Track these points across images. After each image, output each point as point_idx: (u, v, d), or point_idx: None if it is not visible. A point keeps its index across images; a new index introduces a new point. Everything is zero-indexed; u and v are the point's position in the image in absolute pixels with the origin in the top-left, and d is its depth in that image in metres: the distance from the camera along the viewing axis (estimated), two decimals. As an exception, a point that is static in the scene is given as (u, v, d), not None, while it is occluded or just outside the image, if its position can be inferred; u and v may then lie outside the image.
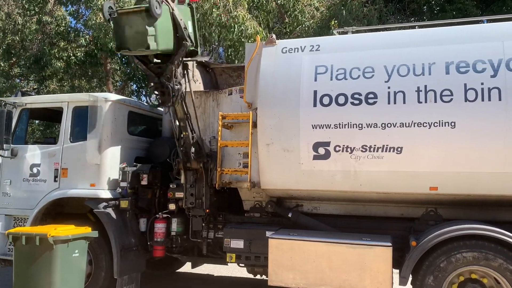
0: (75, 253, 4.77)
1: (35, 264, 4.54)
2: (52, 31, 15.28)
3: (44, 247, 4.48)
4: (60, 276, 4.56)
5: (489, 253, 4.41)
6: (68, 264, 4.65)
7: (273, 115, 5.30)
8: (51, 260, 4.52)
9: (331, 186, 5.20)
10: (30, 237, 4.51)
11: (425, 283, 4.56)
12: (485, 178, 4.68)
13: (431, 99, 4.76)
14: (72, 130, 6.21)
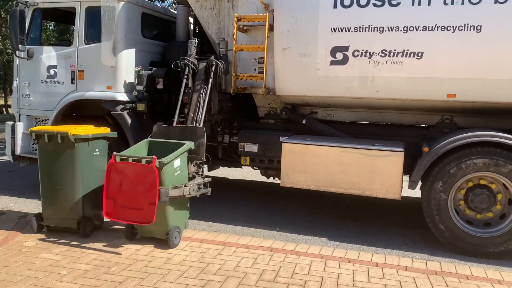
0: (96, 151, 4.86)
1: (58, 161, 4.67)
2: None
3: (66, 145, 4.58)
4: (82, 172, 4.67)
5: (500, 159, 4.48)
6: (89, 161, 4.76)
7: (290, 17, 5.16)
8: (73, 157, 4.62)
9: (347, 93, 5.19)
10: (52, 135, 4.60)
11: (433, 188, 4.71)
12: (506, 85, 4.59)
13: (458, 1, 4.54)
14: (86, 31, 6.17)
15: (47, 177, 4.75)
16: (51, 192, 4.75)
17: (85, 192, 4.71)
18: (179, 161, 4.50)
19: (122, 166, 4.31)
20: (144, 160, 4.23)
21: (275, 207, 6.36)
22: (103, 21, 5.91)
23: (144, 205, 4.16)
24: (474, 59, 4.59)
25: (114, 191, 4.31)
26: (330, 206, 6.46)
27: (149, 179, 4.14)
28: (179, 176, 4.51)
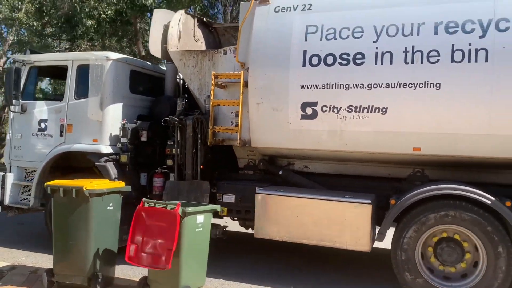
0: (110, 206, 4.90)
1: (72, 215, 4.71)
2: None
3: (81, 200, 4.64)
4: (96, 227, 4.69)
5: (463, 212, 4.58)
6: (103, 216, 4.80)
7: (263, 75, 5.49)
8: (87, 211, 4.67)
9: (318, 146, 5.42)
10: (67, 190, 4.67)
11: (401, 241, 4.80)
12: (468, 139, 4.79)
13: (418, 60, 4.84)
14: (76, 87, 6.58)
15: (60, 231, 4.80)
16: (63, 247, 4.78)
17: (98, 247, 4.74)
18: (202, 218, 4.53)
19: (148, 212, 4.44)
20: (169, 206, 4.36)
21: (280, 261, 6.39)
22: (91, 78, 6.33)
23: (163, 251, 4.25)
24: (435, 114, 4.82)
25: (138, 237, 4.41)
26: (330, 260, 6.46)
27: (170, 225, 4.23)
28: (200, 234, 4.54)
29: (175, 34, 6.53)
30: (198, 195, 5.86)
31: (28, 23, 17.13)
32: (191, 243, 4.42)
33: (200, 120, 5.92)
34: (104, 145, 6.32)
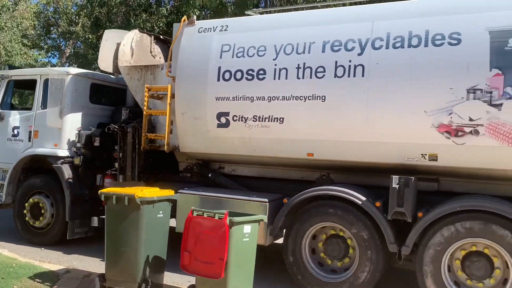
0: (160, 213, 5.03)
1: (124, 222, 4.85)
2: (134, 3, 16.24)
3: (132, 207, 4.78)
4: (146, 234, 4.80)
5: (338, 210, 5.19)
6: (153, 223, 4.93)
7: (187, 88, 6.29)
8: (138, 219, 4.78)
9: (233, 151, 6.16)
10: (119, 197, 4.84)
11: (291, 235, 5.45)
12: (351, 146, 5.40)
13: (308, 75, 5.50)
14: (42, 98, 7.60)
15: (112, 238, 4.96)
16: (115, 253, 4.92)
17: (148, 255, 4.88)
18: (249, 229, 4.53)
19: (198, 221, 4.51)
20: (217, 216, 4.42)
21: None
22: (50, 91, 7.35)
23: (215, 260, 4.30)
24: (322, 124, 5.47)
25: (191, 245, 4.49)
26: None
27: (220, 234, 4.28)
28: (247, 244, 4.54)
29: (127, 51, 7.42)
30: (134, 193, 6.69)
31: (84, 36, 18.48)
32: (238, 252, 4.41)
33: (138, 128, 6.77)
34: (61, 149, 7.29)
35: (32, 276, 5.45)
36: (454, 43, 4.86)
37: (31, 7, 25.09)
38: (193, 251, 4.46)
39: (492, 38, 4.70)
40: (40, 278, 5.42)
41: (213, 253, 4.31)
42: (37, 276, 5.47)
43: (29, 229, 7.41)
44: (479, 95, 4.71)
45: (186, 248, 4.51)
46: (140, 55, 7.66)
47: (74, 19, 22.72)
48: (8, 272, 5.49)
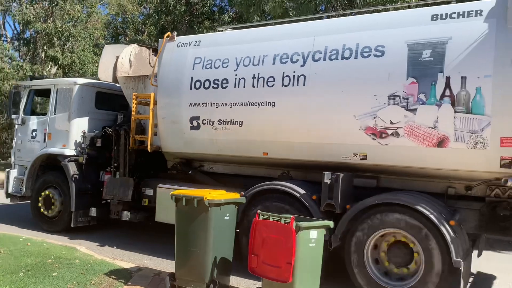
0: (227, 216, 5.14)
1: (193, 223, 5.01)
2: (198, 11, 17.35)
3: (201, 209, 4.94)
4: (214, 235, 4.92)
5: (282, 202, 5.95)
6: (221, 225, 5.06)
7: (166, 96, 7.26)
8: (206, 220, 4.92)
9: (203, 150, 7.06)
10: (189, 199, 5.03)
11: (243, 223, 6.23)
12: (298, 146, 6.14)
13: (261, 84, 6.30)
14: (55, 105, 8.83)
15: (182, 238, 5.13)
16: (184, 253, 5.10)
17: (216, 256, 5.01)
18: (316, 234, 4.55)
19: (264, 224, 4.58)
20: (283, 220, 4.47)
21: None
22: (59, 98, 8.56)
23: (282, 264, 4.34)
24: (272, 126, 6.24)
25: (258, 248, 4.56)
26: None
27: (286, 239, 4.33)
28: (313, 249, 4.55)
29: (126, 63, 8.51)
30: (125, 188, 7.75)
31: (150, 44, 20.18)
32: (305, 257, 4.44)
33: (128, 131, 7.81)
34: (68, 149, 8.48)
35: (107, 273, 5.73)
36: (378, 55, 5.50)
37: (102, 18, 27.27)
38: (260, 254, 4.52)
39: (409, 50, 5.32)
40: (114, 274, 5.68)
41: (280, 257, 4.36)
42: (112, 273, 5.73)
43: (42, 218, 8.66)
44: (398, 101, 5.33)
45: (253, 251, 4.57)
46: (139, 66, 8.73)
47: (140, 28, 24.52)
48: (86, 268, 5.85)
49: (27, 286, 5.14)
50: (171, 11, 17.36)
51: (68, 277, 5.48)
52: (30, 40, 25.10)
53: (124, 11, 26.62)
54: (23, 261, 5.97)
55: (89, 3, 24.88)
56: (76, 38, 23.21)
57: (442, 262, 4.90)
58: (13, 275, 5.44)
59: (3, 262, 5.83)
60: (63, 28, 22.64)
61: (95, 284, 5.33)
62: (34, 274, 5.51)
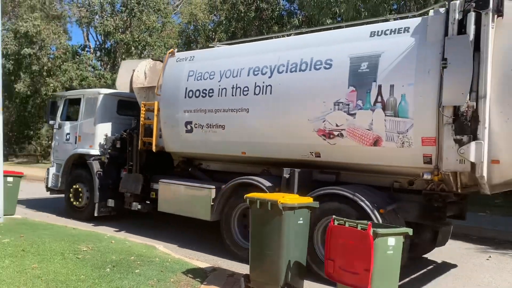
0: (300, 220, 5.15)
1: (267, 226, 5.08)
2: (267, 16, 18.06)
3: (274, 212, 4.99)
4: (287, 239, 4.97)
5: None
6: (294, 229, 5.08)
7: (167, 104, 8.53)
8: (280, 224, 4.97)
9: (196, 150, 8.26)
10: (263, 202, 5.10)
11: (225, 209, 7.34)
12: (269, 146, 7.16)
13: (238, 93, 7.39)
14: (84, 112, 10.41)
15: (256, 240, 5.23)
16: (259, 256, 5.18)
17: (289, 259, 5.04)
18: (394, 241, 4.46)
19: (340, 230, 4.58)
20: (360, 226, 4.43)
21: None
22: (87, 106, 10.12)
23: (360, 270, 4.32)
24: (248, 129, 7.31)
25: (334, 253, 4.58)
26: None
27: (364, 245, 4.28)
28: (390, 257, 4.45)
29: (141, 76, 9.89)
30: (136, 183, 9.11)
31: None
32: (382, 265, 4.37)
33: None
34: (93, 150, 10.00)
35: (184, 272, 5.89)
36: (327, 67, 6.43)
37: (176, 27, 29.41)
38: (337, 260, 4.54)
39: (351, 63, 6.20)
40: (191, 273, 5.83)
41: (358, 264, 4.35)
42: (189, 272, 5.89)
43: (72, 208, 10.26)
44: (341, 107, 6.22)
45: (330, 256, 4.60)
46: (153, 78, 10.06)
47: (211, 35, 26.21)
48: (165, 266, 6.03)
49: (113, 281, 5.34)
50: (242, 17, 17.97)
51: (149, 274, 5.66)
52: (110, 50, 27.54)
53: (195, 19, 28.11)
54: (108, 257, 6.22)
55: (164, 13, 26.78)
56: (152, 47, 25.14)
57: (371, 244, 5.75)
58: (100, 270, 5.70)
59: (91, 258, 6.16)
60: (140, 38, 24.75)
61: (174, 282, 5.47)
62: (119, 270, 5.73)
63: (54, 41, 25.67)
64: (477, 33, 5.22)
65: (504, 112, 5.14)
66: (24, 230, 7.62)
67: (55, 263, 5.84)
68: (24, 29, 23.94)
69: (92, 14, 27.13)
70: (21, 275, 5.30)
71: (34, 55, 24.47)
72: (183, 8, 32.48)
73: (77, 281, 5.24)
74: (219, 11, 23.86)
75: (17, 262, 5.75)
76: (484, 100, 5.15)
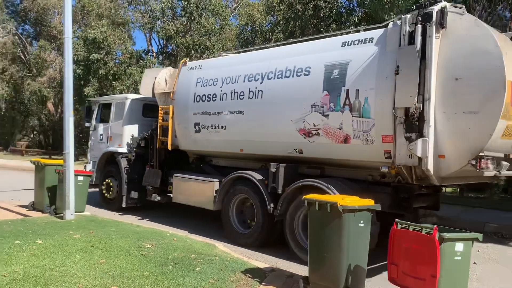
0: (361, 223, 4.99)
1: (326, 228, 4.97)
2: (325, 15, 17.80)
3: (334, 214, 4.87)
4: (347, 242, 4.82)
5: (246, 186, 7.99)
6: (355, 232, 4.91)
7: (180, 107, 9.69)
8: (339, 226, 4.84)
9: (204, 148, 9.37)
10: (322, 204, 5.00)
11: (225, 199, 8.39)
12: (262, 144, 8.12)
13: (235, 98, 8.41)
14: (114, 115, 11.81)
15: (315, 242, 5.14)
16: (317, 258, 5.09)
17: (350, 263, 4.89)
18: (462, 247, 4.27)
19: (403, 234, 4.43)
20: (424, 230, 4.27)
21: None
22: (116, 110, 11.50)
23: (426, 276, 4.19)
24: (244, 129, 8.30)
25: (397, 258, 4.44)
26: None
27: (429, 250, 4.15)
28: (458, 263, 4.29)
29: (162, 82, 11.10)
30: (156, 177, 10.34)
31: None
32: (449, 272, 4.22)
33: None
34: (122, 148, 11.35)
35: (243, 271, 5.90)
36: (307, 74, 7.29)
37: (234, 29, 30.41)
38: (400, 265, 4.42)
39: (325, 70, 7.03)
40: (250, 273, 5.83)
41: (423, 269, 4.22)
42: (248, 271, 5.89)
43: (105, 200, 11.68)
44: (317, 109, 7.07)
45: (393, 261, 4.48)
46: (172, 84, 11.29)
47: (268, 36, 26.85)
48: (225, 265, 6.08)
49: (175, 278, 5.43)
50: (299, 16, 17.85)
51: (209, 272, 5.71)
52: (172, 54, 28.89)
53: (253, 20, 28.83)
54: (171, 255, 6.35)
55: (222, 16, 27.75)
56: (211, 50, 26.02)
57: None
58: (163, 266, 5.81)
59: (154, 255, 6.31)
60: (199, 41, 25.86)
61: (234, 281, 5.49)
62: (181, 267, 5.82)
63: (120, 46, 27.40)
64: (423, 43, 5.93)
65: (447, 112, 5.82)
66: (93, 227, 8.02)
67: (121, 259, 6.03)
68: (92, 35, 25.72)
69: (154, 19, 28.52)
70: (91, 270, 5.52)
71: (102, 60, 26.12)
72: (240, 10, 33.18)
73: (141, 277, 5.36)
74: (276, 12, 23.87)
75: (87, 257, 6.00)
76: (429, 102, 5.86)
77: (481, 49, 5.59)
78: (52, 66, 33.29)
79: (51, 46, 33.90)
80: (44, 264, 5.57)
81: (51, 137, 38.83)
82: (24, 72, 34.94)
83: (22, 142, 41.16)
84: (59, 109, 34.75)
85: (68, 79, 8.95)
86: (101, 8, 29.06)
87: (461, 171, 5.94)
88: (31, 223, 8.16)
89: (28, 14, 36.50)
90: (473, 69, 5.62)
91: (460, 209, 11.82)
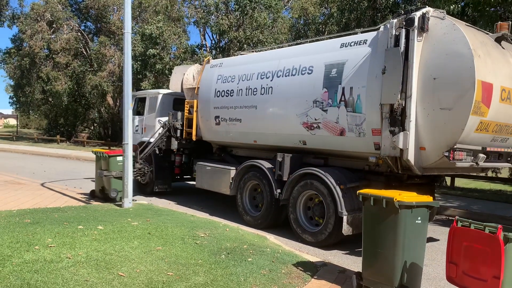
0: (418, 219, 4.83)
1: (381, 224, 4.84)
2: (382, 5, 17.58)
3: (389, 210, 4.74)
4: (404, 239, 4.69)
5: (257, 173, 8.87)
6: (411, 229, 4.77)
7: (202, 102, 10.68)
8: (395, 222, 4.71)
9: (223, 139, 10.33)
10: (377, 199, 4.85)
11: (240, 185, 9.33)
12: (273, 135, 8.96)
13: (249, 93, 9.28)
14: (148, 108, 12.99)
15: (369, 238, 5.01)
16: (372, 254, 4.96)
17: (405, 260, 4.74)
18: None
19: (464, 233, 4.25)
20: (488, 229, 4.07)
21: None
22: (150, 104, 12.67)
23: (487, 277, 4.01)
24: (257, 122, 9.17)
25: (456, 257, 4.29)
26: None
27: (493, 250, 3.97)
28: None
29: (190, 78, 12.14)
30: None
31: None
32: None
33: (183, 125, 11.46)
34: (153, 139, 12.51)
35: (295, 264, 5.92)
36: (310, 73, 8.05)
37: (286, 22, 30.64)
38: (460, 264, 4.26)
39: (325, 69, 7.76)
40: (301, 266, 5.84)
41: (485, 270, 4.03)
42: (299, 265, 5.91)
43: (139, 185, 12.90)
44: (318, 104, 7.82)
45: (452, 260, 4.34)
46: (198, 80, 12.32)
47: (321, 28, 27.06)
48: (276, 257, 6.10)
49: (228, 267, 5.48)
50: (355, 7, 17.53)
51: (261, 263, 5.74)
52: (225, 48, 29.21)
53: (305, 13, 28.92)
54: (223, 245, 6.42)
55: (275, 10, 28.09)
56: (263, 43, 26.35)
57: (333, 212, 7.35)
58: (216, 256, 5.88)
59: (208, 244, 6.39)
60: (252, 35, 26.54)
61: (285, 273, 5.52)
62: (233, 257, 5.88)
63: (175, 41, 28.43)
64: (407, 45, 6.55)
65: (426, 108, 6.43)
66: (150, 215, 8.21)
67: (176, 246, 6.14)
68: (149, 31, 26.96)
69: (208, 14, 29.18)
70: (148, 256, 5.65)
71: (158, 55, 27.30)
72: (293, 2, 33.17)
73: (195, 265, 5.46)
74: (330, 3, 23.54)
75: (144, 244, 6.14)
76: (411, 99, 6.48)
77: (455, 51, 6.16)
78: (111, 61, 34.70)
79: (111, 41, 35.36)
80: (105, 249, 5.78)
81: (110, 129, 40.67)
82: (85, 66, 36.60)
83: (83, 134, 43.08)
84: (118, 102, 36.37)
85: (128, 71, 9.16)
86: (158, 5, 29.98)
87: (440, 162, 6.54)
88: (92, 210, 8.49)
89: (89, 11, 38.22)
90: (448, 69, 6.20)
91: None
